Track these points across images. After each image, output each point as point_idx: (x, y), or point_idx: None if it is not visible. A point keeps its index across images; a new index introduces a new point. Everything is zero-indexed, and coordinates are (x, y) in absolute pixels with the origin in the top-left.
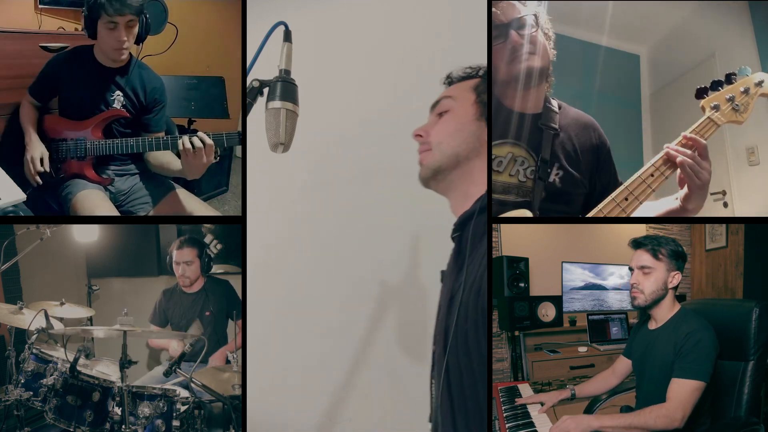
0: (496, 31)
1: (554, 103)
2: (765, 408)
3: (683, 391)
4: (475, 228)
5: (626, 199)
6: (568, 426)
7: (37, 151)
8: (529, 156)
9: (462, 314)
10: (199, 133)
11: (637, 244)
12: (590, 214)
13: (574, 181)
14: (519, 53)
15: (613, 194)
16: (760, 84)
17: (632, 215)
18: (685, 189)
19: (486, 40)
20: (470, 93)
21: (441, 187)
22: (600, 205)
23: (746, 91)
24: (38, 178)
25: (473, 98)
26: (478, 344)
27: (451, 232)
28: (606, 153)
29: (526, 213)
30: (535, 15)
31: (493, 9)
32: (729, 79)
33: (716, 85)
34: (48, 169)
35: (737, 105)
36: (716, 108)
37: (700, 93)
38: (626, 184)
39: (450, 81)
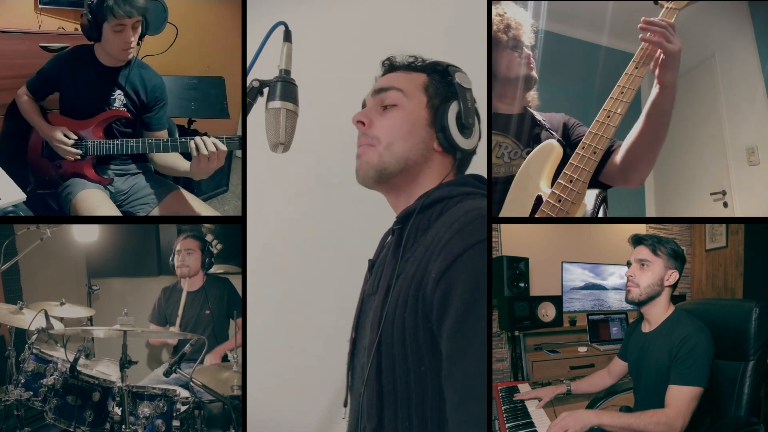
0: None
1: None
2: (765, 408)
3: (682, 399)
4: (417, 223)
5: (622, 92)
6: (567, 423)
7: (57, 131)
8: (512, 143)
9: (401, 302)
10: (213, 140)
11: (637, 240)
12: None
13: None
14: (514, 62)
15: (605, 105)
16: None
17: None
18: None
19: (486, 41)
20: (421, 94)
21: (383, 188)
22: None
23: None
24: (75, 151)
25: (425, 101)
26: (416, 334)
27: (393, 224)
28: (573, 123)
29: None
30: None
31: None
32: None
33: None
34: (75, 138)
35: None
36: None
37: None
38: (611, 95)
39: (391, 65)
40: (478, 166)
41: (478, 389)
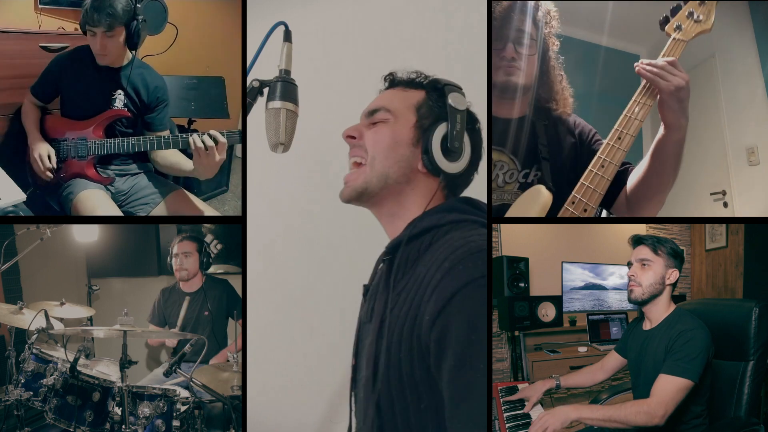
0: (495, 35)
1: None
2: (765, 408)
3: (668, 389)
4: (406, 254)
5: (619, 138)
6: (547, 421)
7: (43, 149)
8: (509, 161)
9: (396, 341)
10: (211, 131)
11: (637, 240)
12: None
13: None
14: (511, 66)
15: (606, 139)
16: None
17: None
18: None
19: (486, 41)
20: (411, 113)
21: (365, 205)
22: (597, 153)
23: (702, 2)
24: (49, 174)
25: (413, 121)
26: (412, 372)
27: (382, 254)
28: (587, 132)
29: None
30: (537, 37)
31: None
32: None
33: (675, 11)
34: (55, 165)
35: (698, 17)
36: (679, 28)
37: (663, 22)
38: (615, 126)
39: (392, 80)
40: (476, 186)
41: (481, 427)
